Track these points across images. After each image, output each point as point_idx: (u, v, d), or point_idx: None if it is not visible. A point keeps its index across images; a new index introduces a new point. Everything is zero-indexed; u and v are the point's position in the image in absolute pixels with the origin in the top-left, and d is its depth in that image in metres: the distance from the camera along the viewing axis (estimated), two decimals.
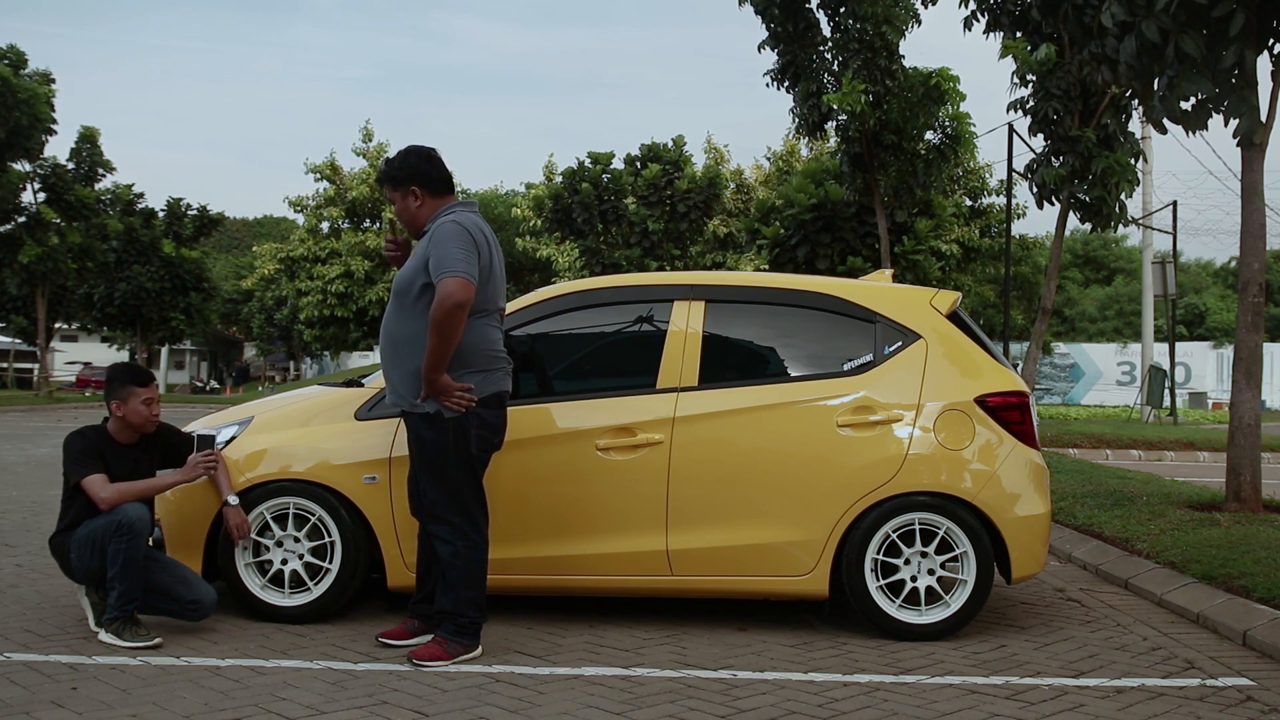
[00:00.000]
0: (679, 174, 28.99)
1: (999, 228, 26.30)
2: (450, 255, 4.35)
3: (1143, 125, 19.87)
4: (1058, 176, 12.67)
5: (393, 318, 4.59)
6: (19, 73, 28.84)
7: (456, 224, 4.45)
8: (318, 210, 36.10)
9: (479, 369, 4.48)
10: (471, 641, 4.50)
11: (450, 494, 4.48)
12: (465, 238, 4.41)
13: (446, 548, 4.48)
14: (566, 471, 5.03)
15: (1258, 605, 5.23)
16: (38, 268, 32.16)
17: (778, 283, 5.56)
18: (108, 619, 4.67)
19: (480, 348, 4.49)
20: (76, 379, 48.08)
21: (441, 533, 4.50)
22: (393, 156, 4.67)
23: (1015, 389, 5.18)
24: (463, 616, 4.47)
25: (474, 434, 4.46)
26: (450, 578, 4.48)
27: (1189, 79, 7.08)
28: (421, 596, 4.78)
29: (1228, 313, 47.05)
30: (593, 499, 4.99)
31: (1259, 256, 7.74)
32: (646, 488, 4.99)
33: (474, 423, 4.45)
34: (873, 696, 4.11)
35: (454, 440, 4.44)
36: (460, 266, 4.33)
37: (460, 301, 4.29)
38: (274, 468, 5.08)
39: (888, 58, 14.89)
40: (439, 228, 4.47)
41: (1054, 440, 16.12)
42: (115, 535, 4.62)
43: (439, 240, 4.41)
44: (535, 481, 5.04)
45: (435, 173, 4.63)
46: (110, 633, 4.64)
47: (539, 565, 5.02)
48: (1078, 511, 8.16)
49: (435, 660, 4.39)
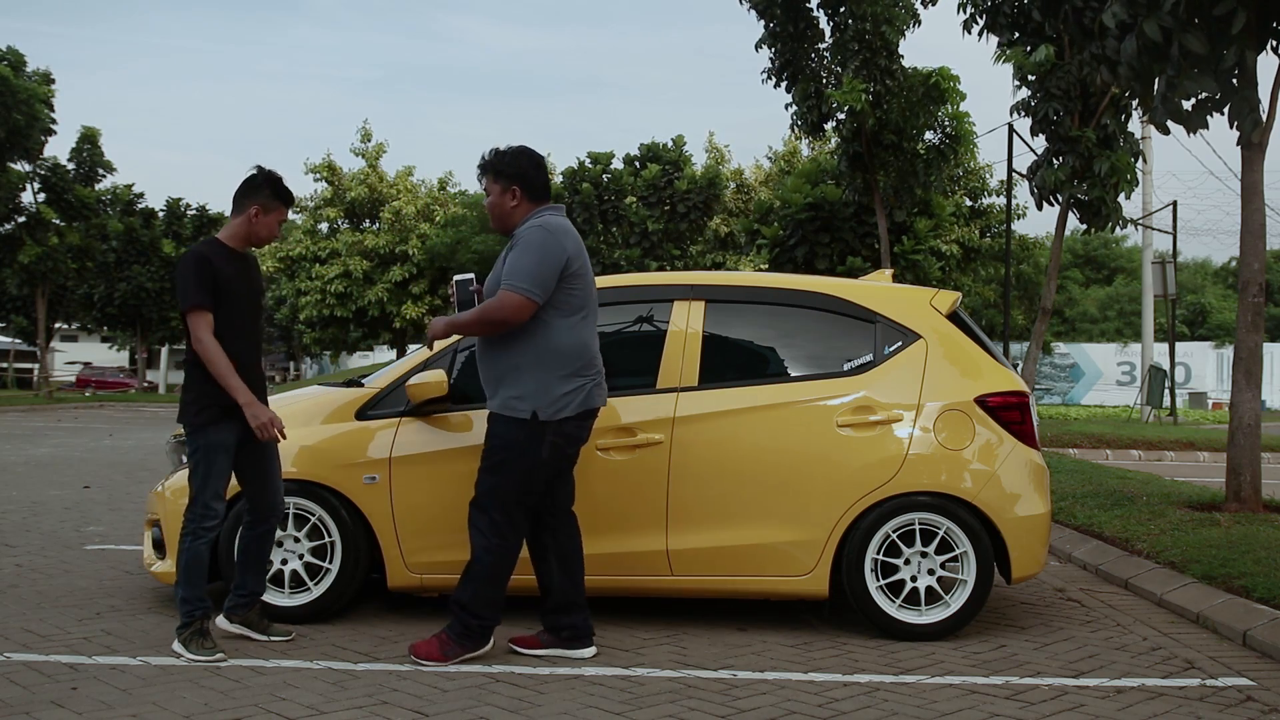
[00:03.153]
0: (679, 174, 29.00)
1: (999, 228, 26.32)
2: (523, 269, 4.36)
3: (1143, 125, 19.87)
4: (1058, 178, 12.67)
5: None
6: (18, 73, 28.85)
7: (544, 230, 4.45)
8: (316, 210, 36.12)
9: (577, 375, 4.46)
10: (476, 643, 4.49)
11: (502, 490, 4.45)
12: (545, 250, 4.40)
13: (481, 540, 4.46)
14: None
15: (1258, 605, 5.23)
16: (37, 268, 32.19)
17: (778, 283, 5.56)
18: (177, 629, 4.52)
19: (581, 353, 4.48)
20: (76, 379, 48.07)
21: (480, 524, 4.47)
22: (504, 150, 4.62)
23: (1015, 389, 5.18)
24: (474, 616, 4.44)
25: (549, 440, 4.44)
26: (474, 571, 4.47)
27: (1190, 78, 7.08)
28: (547, 606, 4.69)
29: (1228, 312, 47.05)
30: (593, 499, 4.99)
31: (1259, 256, 7.74)
32: (646, 488, 4.99)
33: (553, 431, 4.44)
34: (873, 696, 4.11)
35: (526, 442, 4.42)
36: (527, 284, 4.34)
37: (511, 321, 4.36)
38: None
39: (887, 57, 14.91)
40: (526, 234, 4.46)
41: (1054, 440, 16.12)
42: (181, 528, 4.54)
43: (519, 248, 4.42)
44: None
45: (539, 179, 4.62)
46: (179, 642, 4.48)
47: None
48: (1078, 511, 8.16)
49: (431, 660, 4.39)
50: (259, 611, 4.78)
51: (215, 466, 4.53)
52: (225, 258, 4.62)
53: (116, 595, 5.61)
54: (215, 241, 4.68)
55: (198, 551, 4.50)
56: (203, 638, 4.46)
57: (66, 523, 8.07)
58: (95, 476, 11.40)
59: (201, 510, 4.50)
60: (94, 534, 7.59)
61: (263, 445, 4.67)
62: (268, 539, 4.76)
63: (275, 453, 4.75)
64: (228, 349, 4.55)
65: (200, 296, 4.49)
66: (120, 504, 9.20)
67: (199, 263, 4.53)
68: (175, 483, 5.25)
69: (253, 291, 4.75)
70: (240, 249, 4.71)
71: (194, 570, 4.50)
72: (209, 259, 4.55)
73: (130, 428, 20.65)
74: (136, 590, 5.74)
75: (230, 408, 4.52)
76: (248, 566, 4.74)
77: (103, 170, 35.37)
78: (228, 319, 4.58)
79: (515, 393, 4.42)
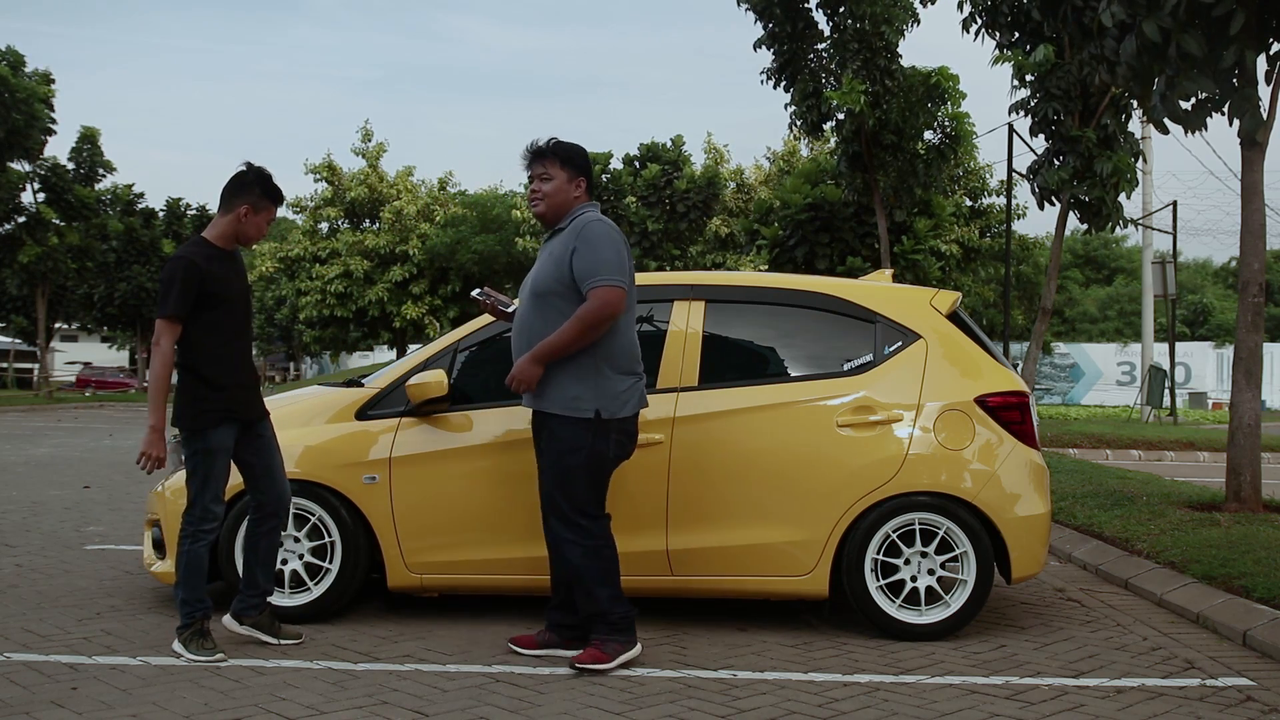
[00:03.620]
0: (678, 174, 29.00)
1: (999, 228, 26.30)
2: (609, 262, 4.36)
3: (1143, 125, 19.87)
4: (1059, 179, 12.67)
5: (536, 319, 4.46)
6: (18, 73, 28.86)
7: (607, 224, 4.47)
8: (316, 211, 36.12)
9: (630, 372, 4.47)
10: (628, 638, 4.44)
11: (580, 496, 4.42)
12: (618, 244, 4.42)
13: (576, 549, 4.42)
14: None
15: (1258, 605, 5.23)
16: (37, 268, 32.20)
17: (778, 283, 5.55)
18: (177, 629, 4.52)
19: (630, 350, 4.50)
20: (76, 379, 48.06)
21: (569, 535, 4.43)
22: (565, 142, 4.61)
23: (1015, 389, 5.18)
24: (611, 614, 4.42)
25: (613, 438, 4.43)
26: (585, 581, 4.42)
27: (1189, 78, 7.08)
28: (555, 604, 4.67)
29: (1228, 312, 47.06)
30: None
31: (1259, 256, 7.74)
32: (646, 488, 4.99)
33: (615, 428, 4.43)
34: (873, 696, 4.11)
35: (593, 443, 4.40)
36: (618, 276, 4.35)
37: (616, 313, 4.34)
38: None
39: (887, 57, 14.90)
40: (589, 228, 4.43)
41: (1054, 440, 16.12)
42: (180, 531, 4.54)
43: (593, 243, 4.38)
44: (535, 481, 5.02)
45: (593, 177, 4.71)
46: (180, 643, 4.48)
47: (540, 565, 5.01)
48: (1078, 511, 8.16)
49: (596, 663, 4.33)
50: (270, 614, 4.75)
51: (214, 469, 4.52)
52: (214, 259, 4.59)
53: (116, 595, 5.61)
54: (203, 242, 4.63)
55: (197, 554, 4.49)
56: (203, 638, 4.45)
57: (66, 523, 8.07)
58: (95, 476, 11.40)
59: (200, 513, 4.50)
60: (94, 534, 7.59)
61: (263, 439, 4.68)
62: (276, 534, 4.74)
63: (277, 445, 4.76)
64: (227, 347, 4.55)
65: (177, 308, 4.45)
66: (120, 504, 9.20)
67: (187, 271, 4.47)
68: (175, 483, 5.24)
69: (243, 289, 4.73)
70: (228, 248, 4.68)
71: (193, 572, 4.50)
72: (198, 265, 4.50)
73: (130, 428, 20.65)
74: (136, 590, 5.74)
75: (227, 410, 4.53)
76: (257, 564, 4.71)
77: (103, 170, 35.38)
78: (225, 319, 4.57)
79: (575, 392, 4.38)
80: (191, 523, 4.50)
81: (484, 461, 5.08)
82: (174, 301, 4.45)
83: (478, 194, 36.91)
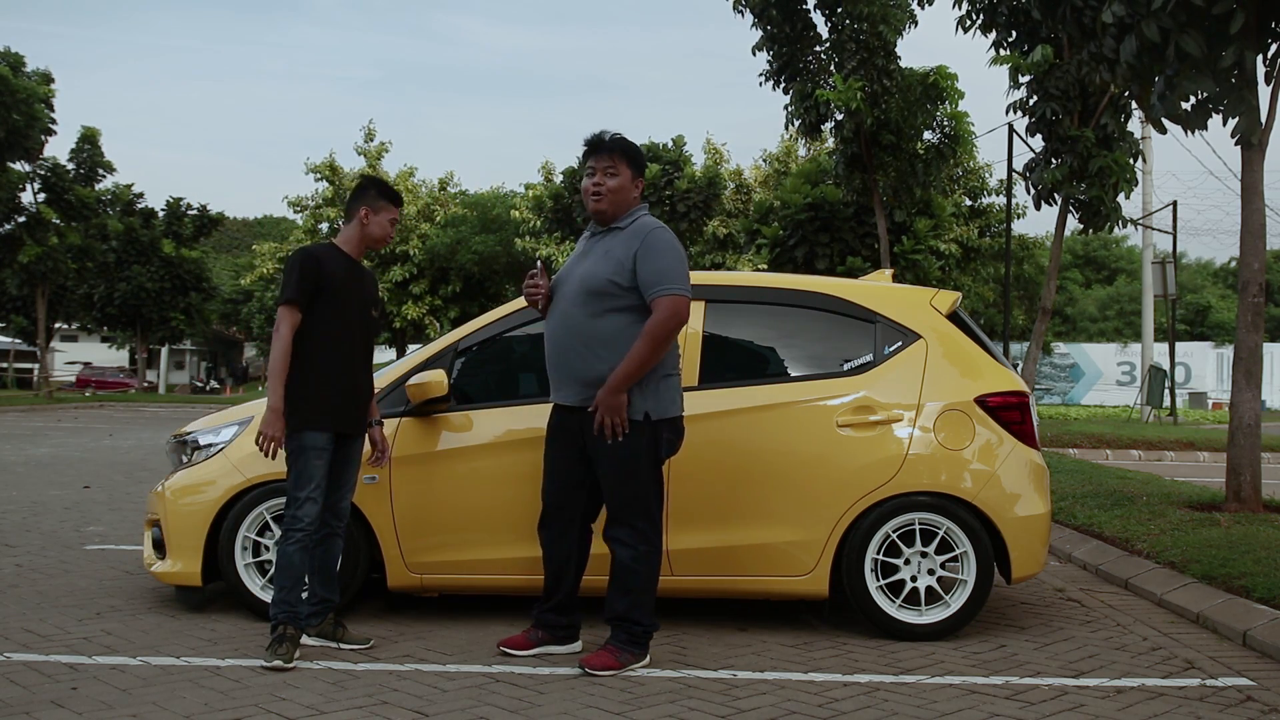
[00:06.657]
0: (678, 174, 28.99)
1: (999, 228, 26.30)
2: (675, 271, 4.34)
3: (1142, 125, 19.88)
4: (1055, 178, 12.66)
5: (584, 318, 4.39)
6: (18, 73, 28.86)
7: (667, 232, 4.45)
8: (317, 210, 36.09)
9: (673, 372, 4.47)
10: (642, 651, 4.44)
11: (636, 498, 4.40)
12: (681, 254, 4.42)
13: (628, 551, 4.40)
14: None
15: (1258, 605, 5.23)
16: (37, 268, 32.19)
17: (777, 283, 5.56)
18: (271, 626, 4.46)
19: (674, 351, 4.49)
20: (76, 379, 48.07)
21: (623, 536, 4.41)
22: (632, 142, 4.58)
23: (1015, 389, 5.18)
24: (637, 624, 4.40)
25: (665, 439, 4.43)
26: (628, 582, 4.40)
27: (1189, 78, 7.09)
28: (550, 606, 4.64)
29: (1228, 312, 47.05)
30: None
31: (1259, 256, 7.75)
32: None
33: (666, 429, 4.43)
34: (873, 696, 4.11)
35: (647, 444, 4.38)
36: (682, 285, 4.33)
37: (684, 322, 4.33)
38: (273, 468, 5.06)
39: (885, 57, 14.89)
40: (655, 234, 4.40)
41: (1054, 440, 16.13)
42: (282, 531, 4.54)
43: (660, 250, 4.36)
44: (536, 481, 5.02)
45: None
46: (267, 648, 4.40)
47: (540, 565, 5.01)
48: (1078, 511, 8.16)
49: (608, 669, 4.32)
50: (334, 621, 4.70)
51: (306, 467, 4.50)
52: (335, 260, 4.63)
53: (116, 595, 5.61)
54: (330, 245, 4.71)
55: (286, 554, 4.47)
56: (279, 644, 4.37)
57: (66, 523, 8.07)
58: (95, 476, 11.40)
59: (294, 511, 4.50)
60: (94, 534, 7.59)
61: (347, 452, 4.68)
62: (332, 543, 4.69)
63: (359, 464, 4.77)
64: (335, 349, 4.56)
65: (293, 292, 4.49)
66: (120, 504, 9.20)
67: (305, 260, 4.54)
68: (175, 483, 5.25)
69: (365, 300, 4.73)
70: (355, 255, 4.72)
71: (282, 572, 4.47)
72: (318, 258, 4.56)
73: (130, 428, 20.66)
74: (136, 590, 5.74)
75: (322, 416, 4.51)
76: (315, 574, 4.66)
77: (103, 170, 35.35)
78: (337, 318, 4.58)
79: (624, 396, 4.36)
80: (287, 521, 4.50)
81: (484, 462, 5.08)
82: (292, 287, 4.50)
83: (478, 194, 36.90)
